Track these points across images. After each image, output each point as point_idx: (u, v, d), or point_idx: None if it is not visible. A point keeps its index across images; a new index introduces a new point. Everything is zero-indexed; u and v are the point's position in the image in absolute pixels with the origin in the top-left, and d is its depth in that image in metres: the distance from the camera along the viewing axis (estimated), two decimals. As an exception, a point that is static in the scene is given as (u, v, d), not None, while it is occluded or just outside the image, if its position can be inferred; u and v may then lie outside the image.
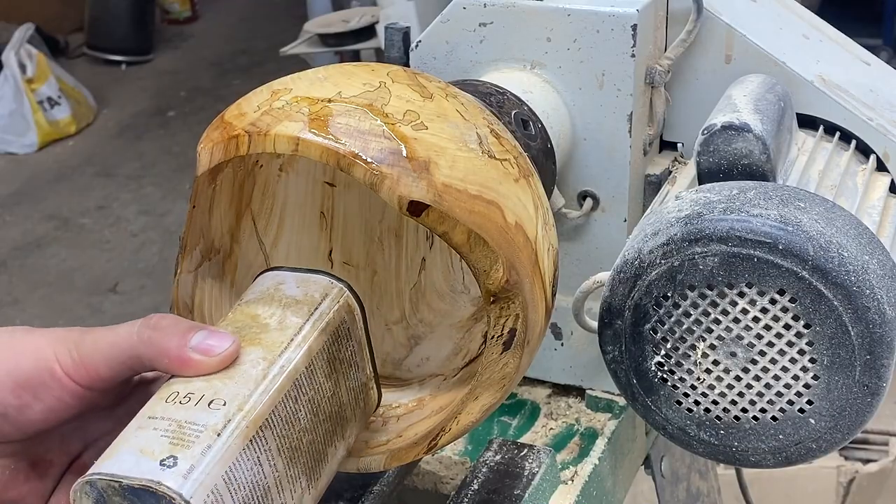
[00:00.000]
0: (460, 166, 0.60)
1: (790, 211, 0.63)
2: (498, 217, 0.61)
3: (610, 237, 0.83)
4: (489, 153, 0.62)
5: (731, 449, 0.68)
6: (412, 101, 0.62)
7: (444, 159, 0.59)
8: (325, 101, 0.60)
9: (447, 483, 0.84)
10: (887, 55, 3.59)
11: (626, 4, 0.77)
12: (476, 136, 0.62)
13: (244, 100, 0.63)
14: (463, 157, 0.60)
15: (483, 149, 0.62)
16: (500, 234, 0.61)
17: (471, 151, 0.61)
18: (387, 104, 0.61)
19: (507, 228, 0.61)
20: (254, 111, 0.61)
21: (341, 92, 0.61)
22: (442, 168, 0.59)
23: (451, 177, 0.59)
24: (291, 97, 0.61)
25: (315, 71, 0.65)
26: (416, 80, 0.64)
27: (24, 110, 3.87)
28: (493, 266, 0.61)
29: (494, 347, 0.64)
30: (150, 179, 3.67)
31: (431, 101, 0.63)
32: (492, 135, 0.64)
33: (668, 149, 0.88)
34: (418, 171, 0.58)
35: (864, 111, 0.82)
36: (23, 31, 3.94)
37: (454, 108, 0.63)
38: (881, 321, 0.61)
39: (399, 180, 0.58)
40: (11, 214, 3.49)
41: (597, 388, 0.89)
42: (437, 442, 0.67)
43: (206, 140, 0.62)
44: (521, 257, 0.62)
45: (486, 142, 0.63)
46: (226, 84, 4.34)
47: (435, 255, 0.79)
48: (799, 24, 0.91)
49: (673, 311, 0.65)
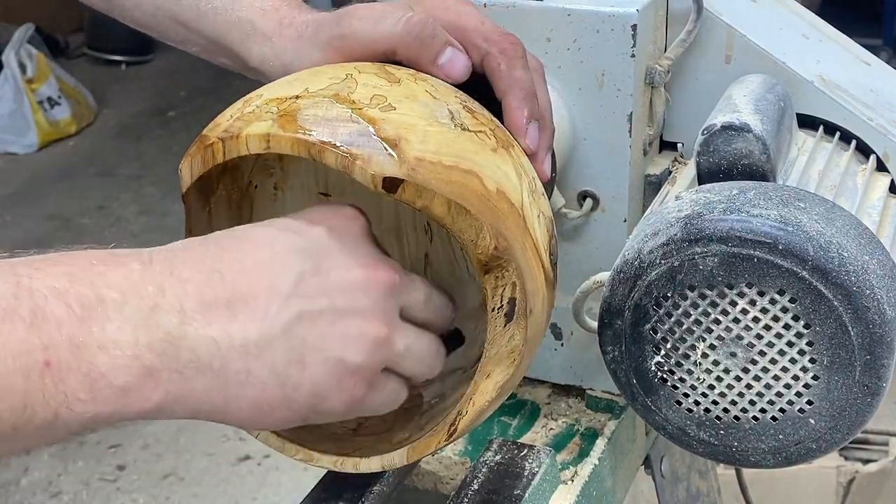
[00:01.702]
0: (432, 139, 0.60)
1: (790, 211, 0.63)
2: (477, 185, 0.60)
3: (610, 237, 0.83)
4: (462, 126, 0.62)
5: (731, 449, 0.68)
6: (379, 87, 0.62)
7: (414, 135, 0.59)
8: (293, 98, 0.61)
9: (447, 483, 0.84)
10: (887, 55, 3.59)
11: (626, 4, 0.77)
12: (448, 111, 0.62)
13: (219, 114, 0.64)
14: (434, 131, 0.61)
15: (455, 122, 0.62)
16: (480, 202, 0.60)
17: (442, 126, 0.61)
18: (353, 92, 0.61)
19: (489, 195, 0.61)
20: (227, 120, 0.62)
21: (308, 88, 0.62)
22: (413, 143, 0.59)
23: (424, 150, 0.59)
24: (262, 101, 0.62)
25: (288, 76, 0.66)
26: (383, 69, 0.65)
27: (24, 110, 3.86)
28: (479, 234, 0.60)
29: (497, 320, 0.63)
30: (150, 179, 3.67)
31: (399, 84, 0.63)
32: (465, 110, 0.64)
33: (668, 149, 0.88)
34: (389, 148, 0.58)
35: (864, 111, 0.82)
36: (23, 31, 3.94)
37: (423, 90, 0.64)
38: (881, 321, 0.61)
39: (370, 159, 0.58)
40: (11, 214, 3.49)
41: (597, 388, 0.89)
42: (456, 427, 0.65)
43: (185, 157, 0.63)
44: (507, 223, 0.62)
45: (458, 116, 0.63)
46: (226, 84, 4.33)
47: (436, 249, 0.79)
48: (799, 24, 0.91)
49: (673, 312, 0.65)
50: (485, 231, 0.60)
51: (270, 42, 0.73)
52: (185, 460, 2.36)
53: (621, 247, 0.69)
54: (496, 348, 0.64)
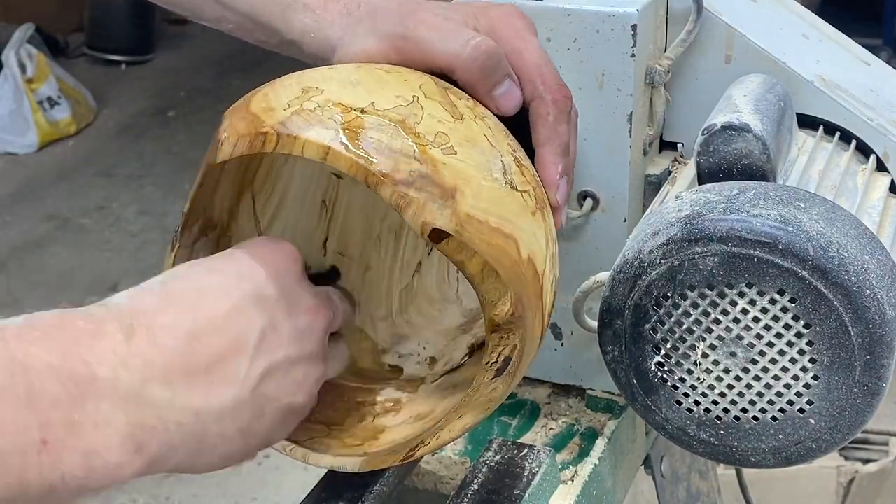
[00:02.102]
0: (484, 196, 0.60)
1: (790, 211, 0.63)
2: (513, 251, 0.61)
3: (610, 237, 0.83)
4: (511, 184, 0.62)
5: (731, 449, 0.68)
6: (443, 122, 0.61)
7: (469, 188, 0.59)
8: (359, 112, 0.59)
9: (447, 483, 0.84)
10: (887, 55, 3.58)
11: (626, 4, 0.77)
12: (501, 164, 0.62)
13: (271, 90, 0.62)
14: (487, 186, 0.60)
15: (506, 179, 0.62)
16: (512, 268, 0.61)
17: (495, 181, 0.61)
18: (419, 122, 0.60)
19: (520, 263, 0.62)
20: (283, 108, 0.60)
21: (374, 102, 0.60)
22: (467, 197, 0.59)
23: (475, 207, 0.59)
24: (323, 99, 0.60)
25: (347, 71, 0.64)
26: (447, 98, 0.63)
27: (24, 110, 3.86)
28: (501, 298, 0.61)
29: (487, 373, 0.64)
30: (150, 179, 3.67)
31: (461, 122, 0.62)
32: (515, 163, 0.64)
33: (668, 149, 0.88)
34: (444, 198, 0.58)
35: (864, 111, 0.82)
36: (23, 31, 3.94)
37: (482, 133, 0.63)
38: (881, 321, 0.61)
39: (425, 206, 0.58)
40: (11, 214, 3.49)
41: (597, 388, 0.89)
42: (414, 454, 0.67)
43: (230, 129, 0.60)
44: (528, 291, 0.63)
45: (509, 171, 0.63)
46: (226, 84, 4.33)
47: (431, 262, 0.79)
48: (799, 24, 0.91)
49: (673, 312, 0.65)
50: (508, 296, 0.61)
51: (314, 14, 0.71)
52: (185, 460, 2.36)
53: (621, 247, 0.69)
54: (477, 396, 0.65)
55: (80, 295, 3.03)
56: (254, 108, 0.61)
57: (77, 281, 3.11)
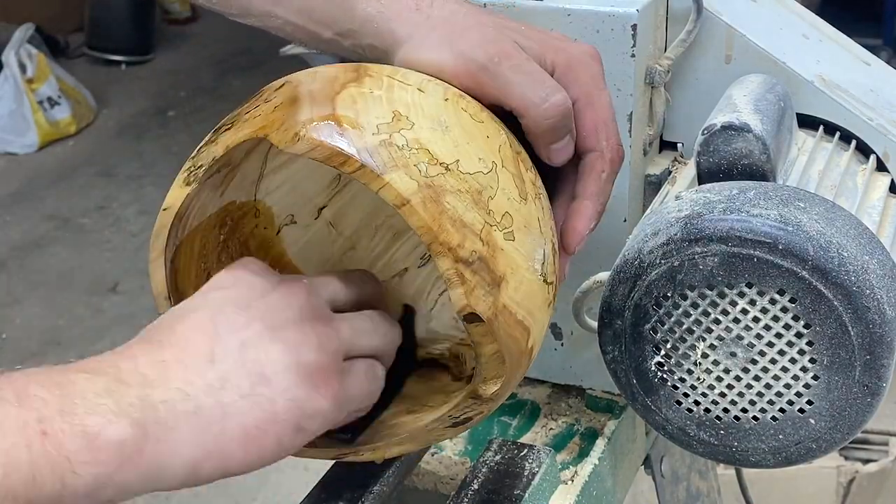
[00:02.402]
0: (523, 290, 0.61)
1: (790, 211, 0.63)
2: (524, 343, 0.63)
3: (610, 237, 0.83)
4: (545, 277, 0.63)
5: (731, 449, 0.68)
6: (511, 201, 0.62)
7: (514, 279, 0.61)
8: (444, 168, 0.59)
9: (447, 483, 0.84)
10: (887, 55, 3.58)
11: (626, 4, 0.77)
12: (542, 254, 0.63)
13: (359, 95, 0.60)
14: (528, 279, 0.62)
15: (543, 270, 0.63)
16: (517, 358, 0.63)
17: (534, 273, 0.62)
18: (493, 198, 0.60)
19: (524, 353, 0.63)
20: (372, 132, 0.58)
21: (459, 161, 0.60)
22: (509, 289, 0.60)
23: (512, 299, 0.61)
24: (413, 138, 0.59)
25: (436, 104, 0.62)
26: (518, 170, 0.64)
27: (24, 110, 3.86)
28: (494, 380, 0.63)
29: (443, 422, 0.66)
30: (150, 179, 3.67)
31: (525, 204, 0.63)
32: (552, 253, 0.65)
33: (668, 149, 0.88)
34: (492, 286, 0.59)
35: (864, 111, 0.82)
36: (23, 31, 3.94)
37: (537, 216, 0.63)
38: (881, 321, 0.61)
39: (474, 290, 0.59)
40: (11, 214, 3.49)
41: (597, 388, 0.89)
42: (344, 456, 0.68)
43: (312, 130, 0.58)
44: (518, 376, 0.65)
45: (546, 262, 0.64)
46: (226, 84, 4.33)
47: (417, 275, 0.79)
48: (799, 24, 0.91)
49: (673, 311, 0.65)
50: (501, 380, 0.63)
51: (379, 3, 0.69)
52: (185, 460, 2.36)
53: (621, 247, 0.69)
54: (426, 435, 0.67)
55: (80, 295, 3.03)
56: (340, 111, 0.59)
57: (77, 281, 3.11)
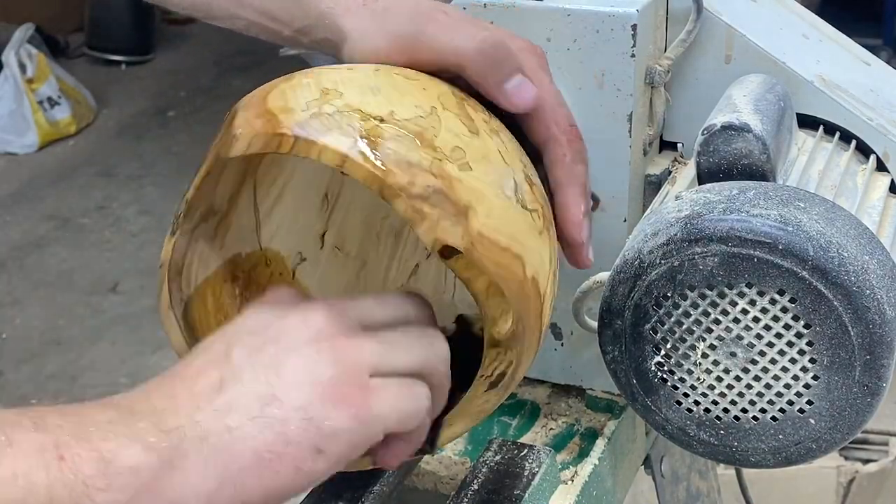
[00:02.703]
0: (496, 214, 0.60)
1: (790, 211, 0.63)
2: (519, 271, 0.61)
3: (610, 237, 0.83)
4: (522, 203, 0.62)
5: (731, 449, 0.68)
6: (460, 136, 0.61)
7: (482, 206, 0.59)
8: (378, 120, 0.59)
9: (447, 483, 0.84)
10: (887, 55, 3.59)
11: (626, 4, 0.77)
12: (513, 182, 0.62)
13: (289, 88, 0.61)
14: (499, 205, 0.60)
15: (517, 197, 0.62)
16: (517, 288, 0.61)
17: (507, 199, 0.61)
18: (437, 136, 0.60)
19: (525, 283, 0.62)
20: (301, 109, 0.59)
21: (394, 112, 0.60)
22: (479, 215, 0.59)
23: (487, 225, 0.59)
24: (343, 104, 0.59)
25: (365, 74, 0.63)
26: (464, 110, 0.63)
27: (24, 110, 3.86)
28: (503, 316, 0.61)
29: (481, 385, 0.64)
30: (150, 179, 3.67)
31: (477, 137, 0.62)
32: (526, 182, 0.64)
33: (668, 149, 0.88)
34: (458, 215, 0.58)
35: (864, 111, 0.82)
36: (23, 31, 3.94)
37: (496, 149, 0.63)
38: (881, 321, 0.61)
39: (438, 223, 0.58)
40: (11, 214, 3.49)
41: (597, 388, 0.89)
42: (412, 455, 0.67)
43: (246, 125, 0.60)
44: (529, 310, 0.63)
45: (520, 189, 0.63)
46: (226, 84, 4.33)
47: (429, 266, 0.79)
48: (799, 24, 0.91)
49: (673, 312, 0.65)
50: (510, 315, 0.61)
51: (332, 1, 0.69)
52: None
53: (621, 247, 0.69)
54: (469, 407, 0.66)
55: (80, 295, 3.03)
56: (271, 104, 0.60)
57: (77, 281, 3.11)
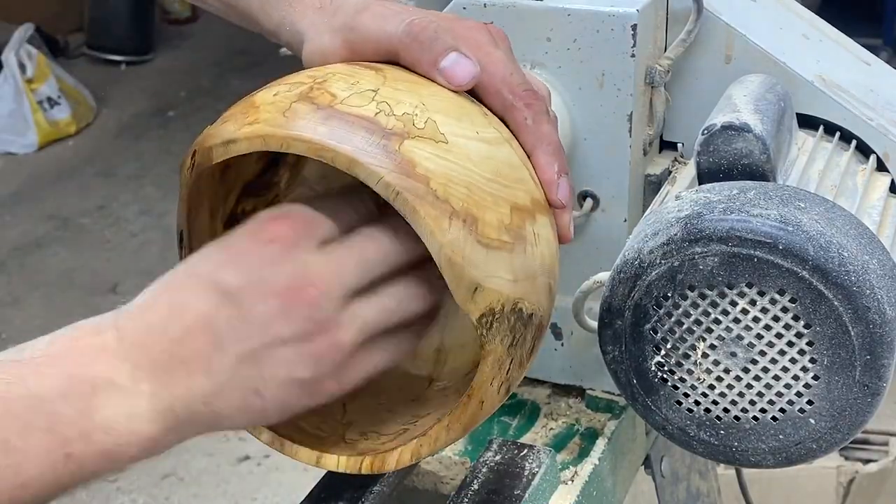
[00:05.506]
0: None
1: (790, 211, 0.63)
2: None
3: (610, 237, 0.83)
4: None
5: (731, 449, 0.68)
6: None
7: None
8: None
9: (447, 483, 0.84)
10: (887, 55, 3.58)
11: (626, 4, 0.77)
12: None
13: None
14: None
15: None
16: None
17: None
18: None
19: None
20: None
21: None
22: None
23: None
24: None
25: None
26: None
27: (24, 110, 3.86)
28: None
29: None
30: (150, 179, 3.67)
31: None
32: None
33: (668, 149, 0.88)
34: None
35: (864, 111, 0.82)
36: (23, 31, 3.94)
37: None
38: (881, 321, 0.61)
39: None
40: (11, 214, 3.49)
41: (597, 388, 0.89)
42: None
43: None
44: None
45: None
46: (226, 84, 4.33)
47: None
48: (799, 24, 0.91)
49: (673, 312, 0.65)
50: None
51: (290, 6, 0.71)
52: (184, 460, 2.36)
53: (621, 247, 0.69)
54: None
55: (80, 295, 3.03)
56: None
57: (77, 281, 3.11)
